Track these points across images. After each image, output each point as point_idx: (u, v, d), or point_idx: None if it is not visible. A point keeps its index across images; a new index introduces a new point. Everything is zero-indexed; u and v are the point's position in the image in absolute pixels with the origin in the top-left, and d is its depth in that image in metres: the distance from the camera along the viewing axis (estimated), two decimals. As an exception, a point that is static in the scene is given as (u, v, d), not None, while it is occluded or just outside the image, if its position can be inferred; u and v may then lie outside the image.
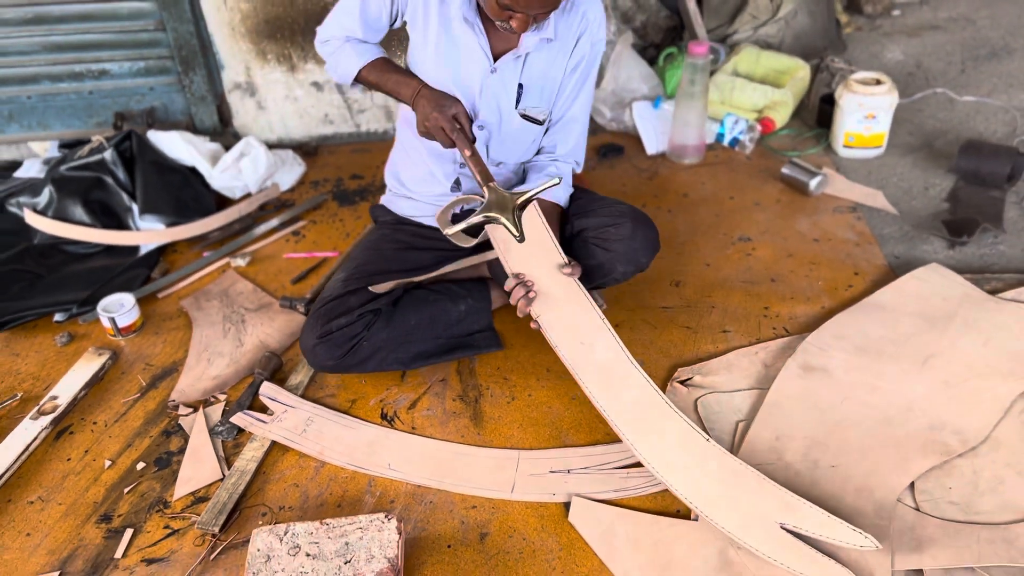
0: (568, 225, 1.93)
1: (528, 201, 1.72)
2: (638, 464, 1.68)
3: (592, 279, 1.89)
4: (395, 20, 1.85)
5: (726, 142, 2.79)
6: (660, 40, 3.27)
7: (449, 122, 1.74)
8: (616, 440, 1.75)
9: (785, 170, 2.57)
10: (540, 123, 1.89)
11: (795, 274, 2.21)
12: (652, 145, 2.79)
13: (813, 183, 2.50)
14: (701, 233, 2.40)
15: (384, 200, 2.13)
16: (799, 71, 2.93)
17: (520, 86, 1.83)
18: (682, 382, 1.88)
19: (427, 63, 1.82)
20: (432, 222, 1.97)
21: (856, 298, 2.09)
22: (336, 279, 1.95)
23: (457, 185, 1.98)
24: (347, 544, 1.49)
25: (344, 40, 1.88)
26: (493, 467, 1.73)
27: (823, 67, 3.02)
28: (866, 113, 2.61)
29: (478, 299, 2.01)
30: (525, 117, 1.87)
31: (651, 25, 3.25)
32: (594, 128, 2.96)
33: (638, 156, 2.82)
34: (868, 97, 2.60)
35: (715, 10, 3.18)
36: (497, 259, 1.83)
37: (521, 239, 1.67)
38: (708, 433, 1.72)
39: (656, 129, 2.80)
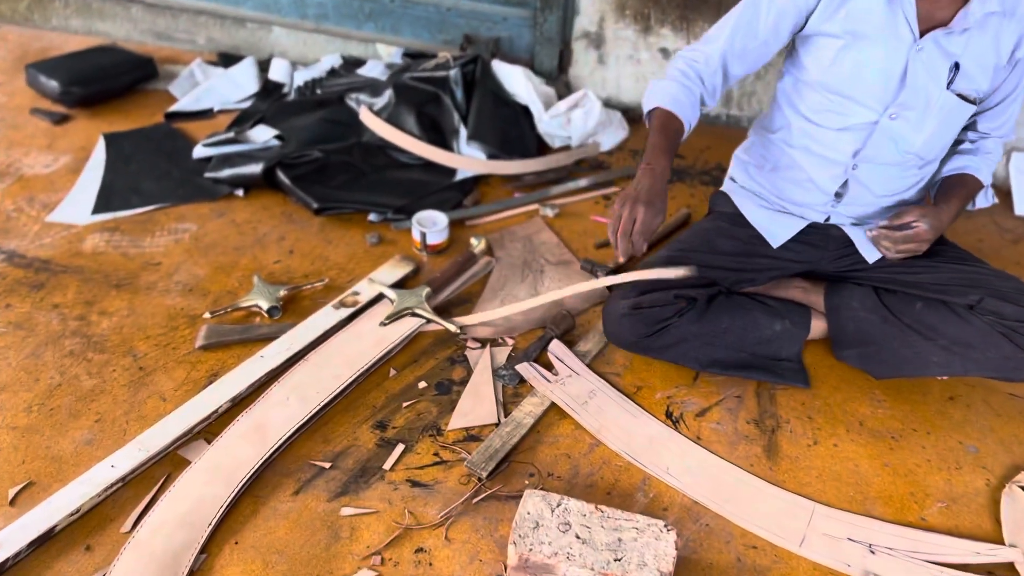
0: (963, 293, 1.67)
1: None
2: (961, 566, 1.43)
3: (982, 369, 1.66)
4: (782, 32, 1.67)
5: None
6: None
7: (626, 224, 1.53)
8: (936, 531, 1.51)
9: None
10: (974, 103, 1.64)
11: None
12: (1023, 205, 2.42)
13: None
14: (1069, 322, 2.03)
15: (730, 190, 1.94)
16: None
17: (956, 65, 1.59)
18: (1024, 489, 1.59)
19: (828, 49, 1.62)
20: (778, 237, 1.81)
21: None
22: (658, 255, 1.82)
23: (841, 192, 1.76)
24: (620, 540, 1.37)
25: (690, 60, 1.73)
26: (783, 511, 1.54)
27: None
28: None
29: (796, 323, 1.81)
30: (960, 97, 1.63)
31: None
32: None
33: (1003, 213, 2.46)
34: None
35: None
36: None
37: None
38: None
39: (1034, 189, 2.42)
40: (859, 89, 1.63)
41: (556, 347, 1.85)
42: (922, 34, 1.58)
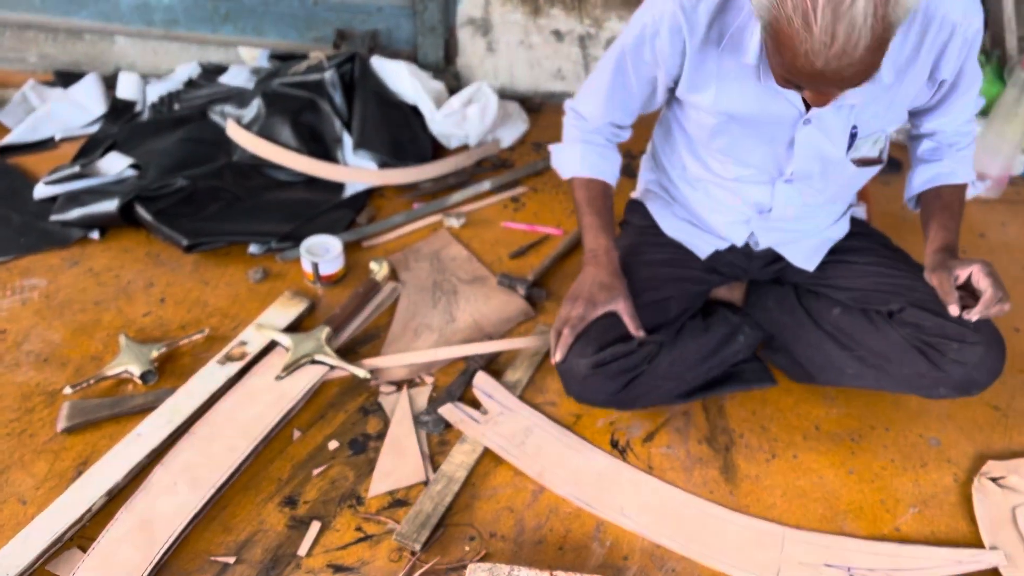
0: (885, 300, 1.52)
1: None
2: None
3: (896, 384, 1.52)
4: (659, 87, 1.47)
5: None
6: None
7: (575, 325, 1.45)
8: (913, 541, 1.40)
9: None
10: (881, 161, 1.49)
11: None
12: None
13: None
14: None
15: (649, 205, 1.72)
16: None
17: (854, 129, 1.40)
18: (994, 480, 1.50)
19: (704, 119, 1.44)
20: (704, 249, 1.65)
21: None
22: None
23: (753, 233, 1.60)
24: (583, 612, 1.20)
25: (584, 127, 1.57)
26: (752, 541, 1.40)
27: None
28: None
29: (752, 326, 1.66)
30: (862, 162, 1.47)
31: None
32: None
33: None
34: None
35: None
36: None
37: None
38: None
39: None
40: (744, 160, 1.47)
41: (482, 380, 1.65)
42: (809, 106, 1.36)
